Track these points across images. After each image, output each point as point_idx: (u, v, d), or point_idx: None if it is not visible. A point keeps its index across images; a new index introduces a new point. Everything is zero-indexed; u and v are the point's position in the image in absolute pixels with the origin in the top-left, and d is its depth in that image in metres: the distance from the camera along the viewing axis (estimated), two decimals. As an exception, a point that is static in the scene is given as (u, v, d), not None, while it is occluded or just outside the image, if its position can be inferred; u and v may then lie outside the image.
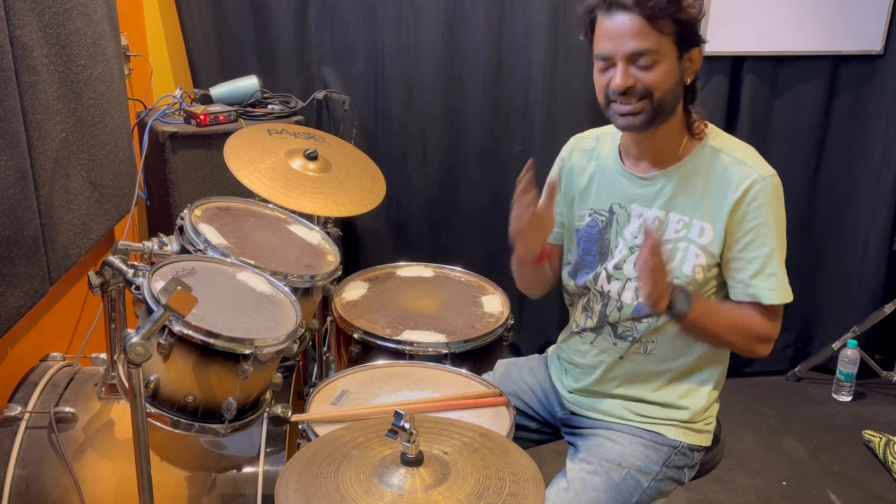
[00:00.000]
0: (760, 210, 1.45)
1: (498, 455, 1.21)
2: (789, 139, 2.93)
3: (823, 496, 2.49)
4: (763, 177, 1.45)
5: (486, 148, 2.93)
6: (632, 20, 1.37)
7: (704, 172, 1.48)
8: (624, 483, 1.49)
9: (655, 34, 1.37)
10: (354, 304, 2.04)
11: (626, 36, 1.38)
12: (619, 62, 1.40)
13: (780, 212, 1.48)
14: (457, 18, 2.77)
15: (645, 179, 1.53)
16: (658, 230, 1.49)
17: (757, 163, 1.48)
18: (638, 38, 1.37)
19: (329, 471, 1.16)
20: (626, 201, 1.56)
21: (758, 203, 1.44)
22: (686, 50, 1.43)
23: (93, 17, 1.99)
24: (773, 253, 1.46)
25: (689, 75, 1.46)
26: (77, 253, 1.91)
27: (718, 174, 1.47)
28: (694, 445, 1.57)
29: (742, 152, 1.50)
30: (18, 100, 1.61)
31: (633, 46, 1.38)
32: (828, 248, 3.07)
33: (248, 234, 1.84)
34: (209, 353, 1.36)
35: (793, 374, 3.19)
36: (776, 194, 1.47)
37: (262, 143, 2.09)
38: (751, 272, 1.47)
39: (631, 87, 1.40)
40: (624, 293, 1.55)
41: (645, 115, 1.42)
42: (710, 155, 1.49)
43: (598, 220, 1.60)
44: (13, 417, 1.56)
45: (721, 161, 1.48)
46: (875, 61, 2.84)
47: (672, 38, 1.39)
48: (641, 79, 1.40)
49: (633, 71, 1.40)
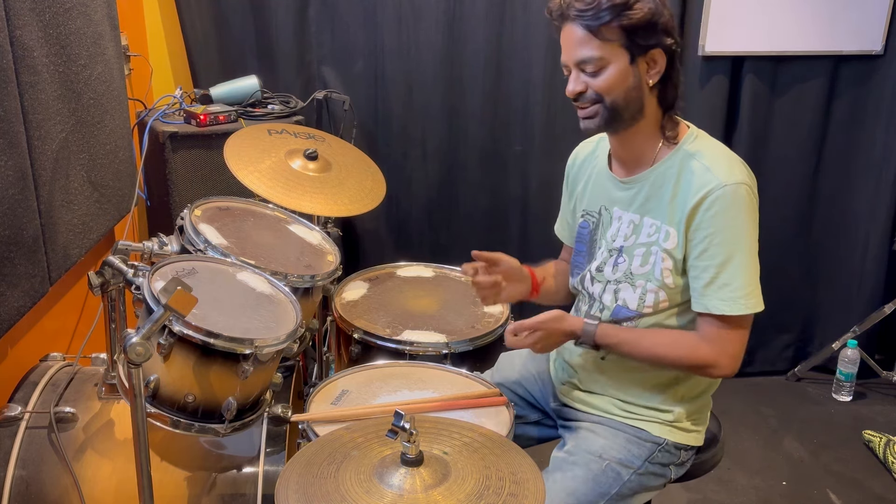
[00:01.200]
0: (716, 218, 1.41)
1: (498, 455, 1.21)
2: (789, 139, 2.93)
3: (823, 496, 2.49)
4: (723, 184, 1.41)
5: (486, 148, 2.93)
6: (573, 29, 1.43)
7: (674, 177, 1.47)
8: (603, 475, 1.50)
9: (598, 41, 1.41)
10: (354, 304, 2.04)
11: (572, 45, 1.44)
12: (572, 69, 1.46)
13: (740, 220, 1.42)
14: (457, 18, 2.77)
15: (624, 183, 1.55)
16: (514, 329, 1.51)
17: (723, 170, 1.43)
18: (581, 47, 1.42)
19: (329, 471, 1.16)
20: (609, 204, 1.58)
21: (713, 212, 1.41)
22: (640, 53, 1.43)
23: (93, 17, 2.00)
24: (727, 262, 1.42)
25: (653, 76, 1.45)
26: (77, 253, 1.91)
27: (685, 179, 1.46)
28: (680, 444, 1.57)
29: (713, 159, 1.46)
30: (18, 100, 1.61)
31: (578, 55, 1.43)
32: (828, 248, 3.07)
33: (248, 234, 1.85)
34: (209, 353, 1.36)
35: (793, 374, 3.19)
36: (737, 203, 1.41)
37: (262, 143, 2.09)
38: (704, 281, 1.44)
39: (581, 92, 1.45)
40: (604, 295, 1.57)
41: (599, 118, 1.46)
42: (683, 160, 1.48)
43: (590, 222, 1.63)
44: (13, 417, 1.56)
45: (690, 167, 1.46)
46: (875, 61, 2.84)
47: (619, 43, 1.41)
48: (591, 84, 1.44)
49: (583, 77, 1.45)
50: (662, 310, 1.51)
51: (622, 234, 1.54)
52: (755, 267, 1.44)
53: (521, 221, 3.00)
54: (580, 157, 1.70)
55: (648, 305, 1.51)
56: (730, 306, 1.42)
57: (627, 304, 1.53)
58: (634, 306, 1.52)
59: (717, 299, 1.43)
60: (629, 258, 1.52)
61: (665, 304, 1.51)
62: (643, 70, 1.44)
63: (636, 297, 1.52)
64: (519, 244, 3.01)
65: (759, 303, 1.44)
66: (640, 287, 1.51)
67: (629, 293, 1.52)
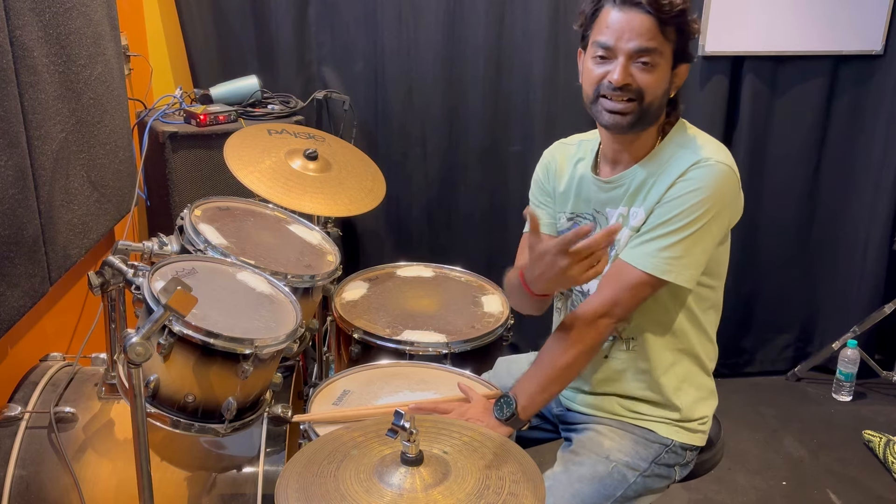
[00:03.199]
0: (688, 183, 1.40)
1: (498, 455, 1.21)
2: (789, 139, 2.93)
3: (823, 496, 2.49)
4: (706, 159, 1.41)
5: (486, 148, 2.93)
6: (643, 18, 1.37)
7: (661, 166, 1.47)
8: (609, 476, 1.50)
9: (662, 38, 1.38)
10: (354, 304, 2.04)
11: (633, 32, 1.38)
12: (621, 56, 1.39)
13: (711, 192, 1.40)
14: (457, 18, 2.77)
15: (609, 183, 1.53)
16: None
17: (709, 150, 1.44)
18: (645, 37, 1.38)
19: (329, 470, 1.16)
20: (600, 206, 1.57)
21: (689, 178, 1.40)
22: (678, 63, 1.44)
23: (93, 17, 1.99)
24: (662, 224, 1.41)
25: (674, 89, 1.47)
26: (77, 253, 1.91)
27: (672, 165, 1.45)
28: (686, 444, 1.57)
29: (702, 143, 1.47)
30: (18, 100, 1.61)
31: (639, 44, 1.38)
32: (828, 248, 3.07)
33: (248, 234, 1.84)
34: (209, 353, 1.36)
35: (793, 374, 3.19)
36: (717, 176, 1.40)
37: (262, 143, 2.09)
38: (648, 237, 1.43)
39: (627, 84, 1.40)
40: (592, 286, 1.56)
41: (632, 116, 1.43)
42: (670, 150, 1.48)
43: (582, 224, 1.61)
44: (13, 417, 1.56)
45: (677, 155, 1.46)
46: (875, 61, 2.84)
47: (672, 45, 1.41)
48: (638, 78, 1.40)
49: (633, 69, 1.40)
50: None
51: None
52: (703, 245, 1.42)
53: (521, 221, 2.99)
54: (559, 153, 1.68)
55: None
56: (631, 259, 1.43)
57: None
58: None
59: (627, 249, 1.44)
60: (617, 247, 1.52)
61: None
62: (672, 81, 1.44)
63: None
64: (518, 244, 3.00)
65: (668, 270, 1.41)
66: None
67: None
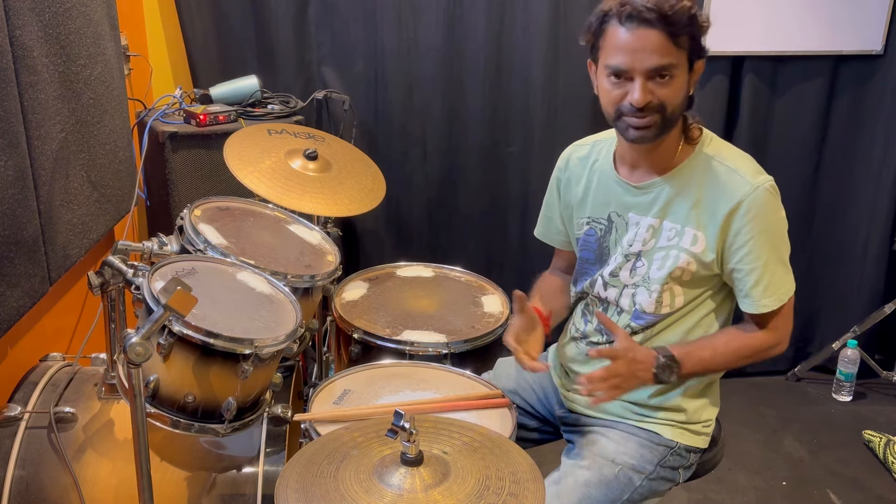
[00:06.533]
0: (754, 222, 1.43)
1: (498, 455, 1.21)
2: (789, 139, 2.93)
3: (823, 496, 2.49)
4: (755, 187, 1.43)
5: (486, 148, 2.92)
6: (654, 35, 1.34)
7: (698, 180, 1.47)
8: (615, 480, 1.49)
9: (676, 50, 1.36)
10: (354, 304, 2.04)
11: (646, 51, 1.35)
12: (638, 77, 1.37)
13: (774, 218, 1.47)
14: (457, 18, 2.77)
15: (640, 188, 1.53)
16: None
17: (749, 171, 1.46)
18: (659, 54, 1.35)
19: (329, 470, 1.16)
20: (622, 210, 1.56)
21: (752, 215, 1.43)
22: (694, 62, 1.43)
23: (93, 17, 1.99)
24: (770, 262, 1.45)
25: (692, 85, 1.45)
26: (77, 253, 1.91)
27: (712, 183, 1.46)
28: (691, 447, 1.57)
29: (736, 161, 1.48)
30: (18, 100, 1.61)
31: (655, 62, 1.36)
32: (828, 248, 3.07)
33: (248, 234, 1.84)
34: (209, 353, 1.36)
35: (793, 374, 3.19)
36: (769, 202, 1.44)
37: (261, 143, 2.09)
38: (750, 283, 1.46)
39: (648, 102, 1.38)
40: (621, 299, 1.56)
41: (656, 128, 1.42)
42: (705, 162, 1.48)
43: (597, 229, 1.61)
44: (13, 417, 1.56)
45: (714, 169, 1.47)
46: (875, 61, 2.84)
47: (686, 51, 1.39)
48: (658, 93, 1.38)
49: (651, 86, 1.38)
50: (678, 308, 1.51)
51: (640, 238, 1.53)
52: (788, 253, 1.50)
53: (521, 221, 3.00)
54: (573, 160, 1.67)
55: (666, 305, 1.51)
56: (778, 301, 1.47)
57: (644, 308, 1.52)
58: (651, 309, 1.52)
59: (766, 298, 1.46)
60: (648, 262, 1.52)
61: (680, 300, 1.51)
62: (691, 78, 1.44)
63: (652, 301, 1.51)
64: (518, 244, 3.01)
65: (793, 282, 1.50)
66: (655, 291, 1.51)
67: (644, 297, 1.52)
